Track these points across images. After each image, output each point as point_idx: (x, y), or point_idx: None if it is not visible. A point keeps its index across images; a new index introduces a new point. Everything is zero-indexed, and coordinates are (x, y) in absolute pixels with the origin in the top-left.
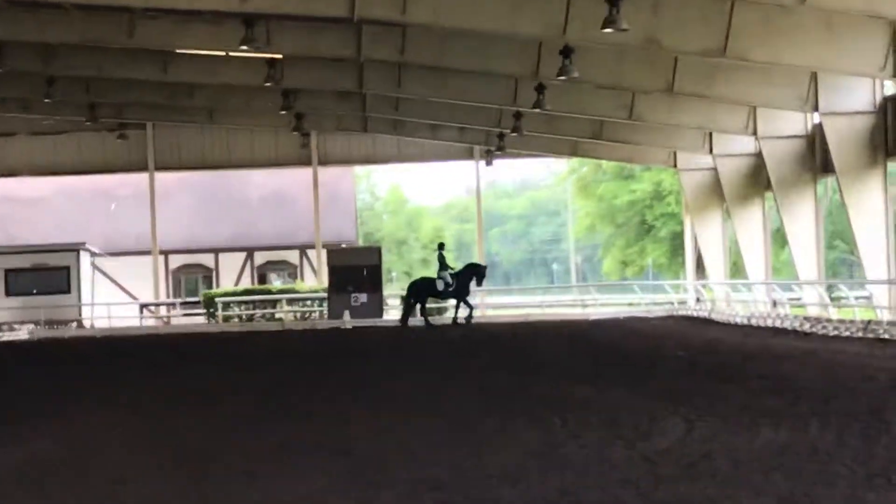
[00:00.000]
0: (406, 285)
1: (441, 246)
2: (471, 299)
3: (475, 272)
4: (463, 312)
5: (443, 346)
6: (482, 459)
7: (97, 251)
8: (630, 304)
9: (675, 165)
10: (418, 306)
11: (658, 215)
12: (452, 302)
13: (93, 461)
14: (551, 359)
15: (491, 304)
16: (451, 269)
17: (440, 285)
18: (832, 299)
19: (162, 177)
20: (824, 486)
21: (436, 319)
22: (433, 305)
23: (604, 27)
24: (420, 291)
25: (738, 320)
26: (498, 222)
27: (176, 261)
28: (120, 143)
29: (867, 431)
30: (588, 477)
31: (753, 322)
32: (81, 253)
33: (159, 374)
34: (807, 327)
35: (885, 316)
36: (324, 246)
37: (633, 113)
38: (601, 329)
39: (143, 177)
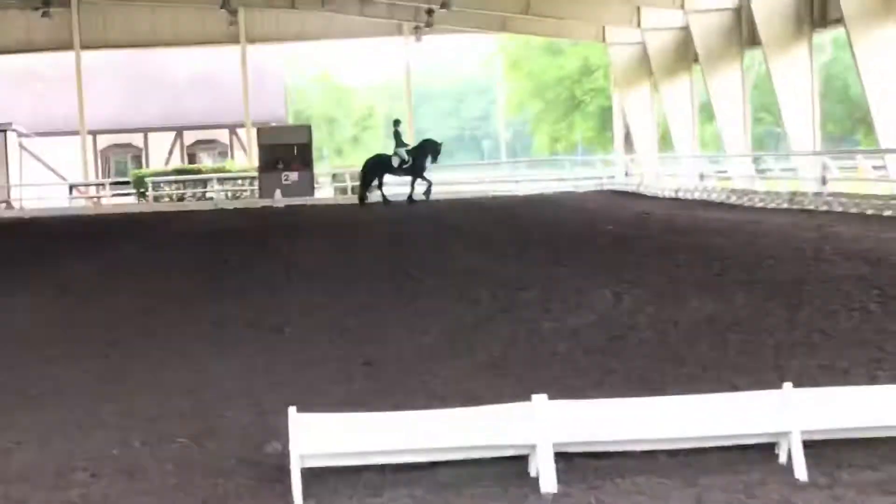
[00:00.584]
0: (335, 164)
1: (397, 122)
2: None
3: (431, 149)
4: (420, 189)
5: (376, 225)
6: (413, 335)
7: (24, 131)
8: (560, 180)
9: (604, 40)
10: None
11: (587, 90)
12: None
13: (22, 341)
14: (481, 235)
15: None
16: (407, 145)
17: (396, 161)
18: (758, 172)
19: (88, 56)
20: (748, 355)
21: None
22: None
23: None
24: (375, 168)
25: (667, 194)
26: (428, 100)
27: (104, 141)
28: (44, 21)
29: (791, 301)
30: (516, 350)
31: (681, 196)
32: (8, 133)
33: (90, 254)
34: (734, 200)
35: (810, 187)
36: (253, 125)
37: None
38: (531, 205)
39: (69, 56)
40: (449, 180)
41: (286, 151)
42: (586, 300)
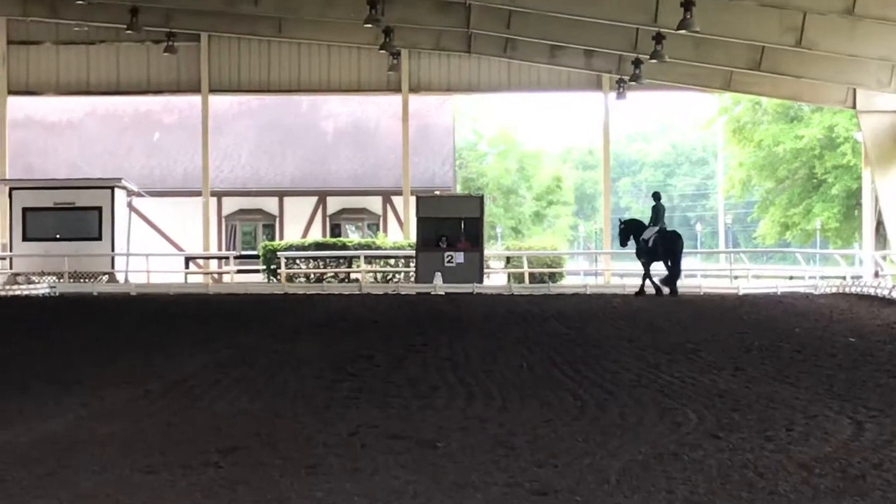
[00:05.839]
0: (511, 244)
1: (658, 196)
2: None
3: None
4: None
5: (555, 322)
6: (597, 460)
7: (135, 189)
8: (791, 277)
9: (854, 106)
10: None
11: (830, 168)
12: None
13: (117, 445)
14: (689, 339)
15: (619, 270)
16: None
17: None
18: None
19: (217, 101)
20: None
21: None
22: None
23: None
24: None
25: None
26: (629, 170)
27: (231, 205)
28: (167, 58)
29: None
30: (728, 486)
31: None
32: (116, 191)
33: (206, 342)
34: None
35: None
36: (413, 192)
37: (802, 39)
38: (753, 305)
39: (193, 100)
40: (652, 271)
41: (451, 227)
42: (818, 428)
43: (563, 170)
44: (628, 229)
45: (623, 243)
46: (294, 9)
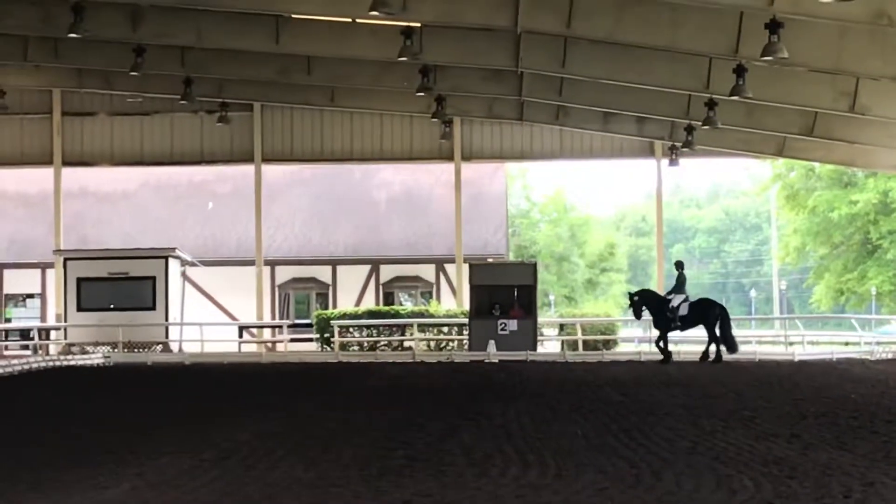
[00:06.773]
0: (563, 312)
1: (681, 265)
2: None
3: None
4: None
5: (608, 389)
6: None
7: (189, 259)
8: (846, 344)
9: None
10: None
11: (885, 233)
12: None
13: None
14: (745, 406)
15: (673, 338)
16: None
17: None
18: None
19: (270, 170)
20: None
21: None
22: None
23: None
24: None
25: None
26: (682, 237)
27: (284, 273)
28: (220, 129)
29: None
30: None
31: None
32: (170, 261)
33: (259, 411)
34: None
35: None
36: (466, 260)
37: (856, 104)
38: (808, 372)
39: (247, 170)
40: (705, 338)
41: (504, 294)
42: (876, 495)
43: (616, 236)
44: (642, 301)
45: (637, 315)
46: (346, 78)
